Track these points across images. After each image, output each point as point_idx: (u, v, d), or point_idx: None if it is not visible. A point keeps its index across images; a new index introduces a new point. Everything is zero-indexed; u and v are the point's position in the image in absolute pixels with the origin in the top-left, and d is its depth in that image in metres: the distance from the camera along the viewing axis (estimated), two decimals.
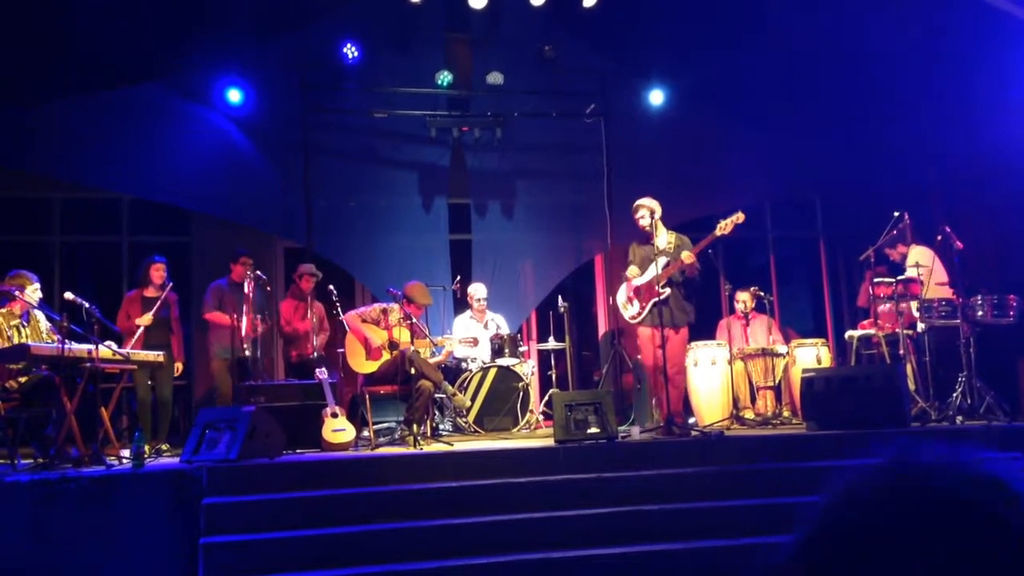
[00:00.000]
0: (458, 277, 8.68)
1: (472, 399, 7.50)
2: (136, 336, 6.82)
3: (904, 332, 6.84)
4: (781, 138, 9.43)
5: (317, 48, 8.71)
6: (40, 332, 6.10)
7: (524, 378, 7.67)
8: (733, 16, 8.50)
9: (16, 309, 6.04)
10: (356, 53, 8.68)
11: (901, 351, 6.84)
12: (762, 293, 8.41)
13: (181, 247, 9.03)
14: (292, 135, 8.72)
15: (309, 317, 7.42)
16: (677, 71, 9.35)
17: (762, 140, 9.46)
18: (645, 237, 6.71)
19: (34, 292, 6.10)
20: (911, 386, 6.75)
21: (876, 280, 6.97)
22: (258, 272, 7.32)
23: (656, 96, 9.43)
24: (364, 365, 6.85)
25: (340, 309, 7.15)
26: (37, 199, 9.09)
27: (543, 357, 9.00)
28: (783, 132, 9.39)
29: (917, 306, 6.77)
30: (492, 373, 7.63)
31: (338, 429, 6.31)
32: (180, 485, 4.85)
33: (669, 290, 6.43)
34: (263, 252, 9.15)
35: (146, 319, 6.90)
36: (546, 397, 8.08)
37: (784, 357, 7.92)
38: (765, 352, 7.89)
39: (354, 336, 6.91)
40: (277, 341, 8.06)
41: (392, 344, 6.90)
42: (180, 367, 7.29)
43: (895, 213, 7.15)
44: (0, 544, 4.66)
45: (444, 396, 7.39)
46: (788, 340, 8.42)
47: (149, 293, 7.12)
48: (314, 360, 7.33)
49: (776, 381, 7.90)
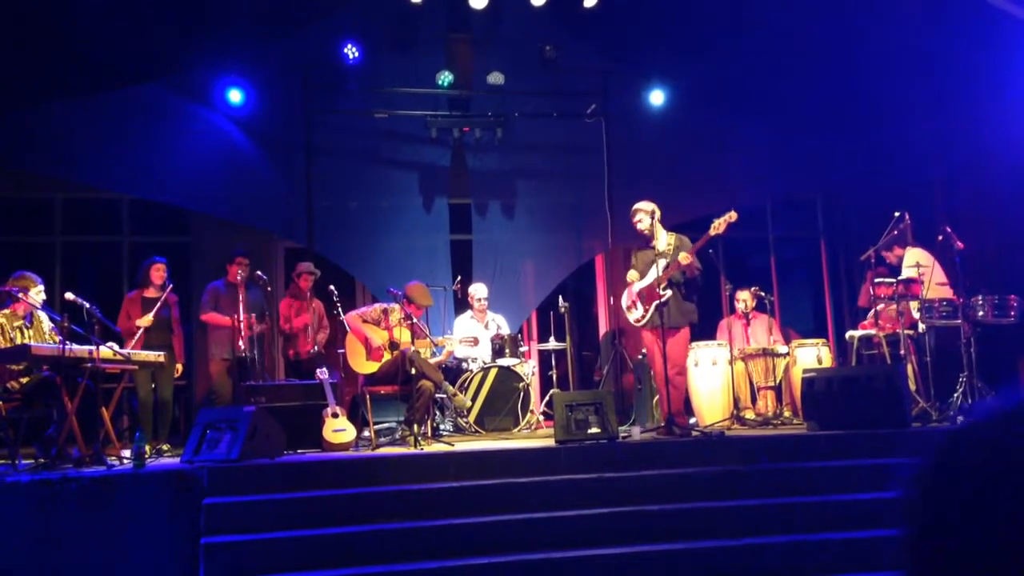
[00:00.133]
0: (459, 277, 8.68)
1: (473, 399, 7.50)
2: (137, 337, 6.82)
3: (905, 332, 6.84)
4: (782, 138, 9.42)
5: (318, 48, 8.71)
6: (43, 333, 6.10)
7: (525, 378, 7.68)
8: (734, 16, 8.50)
9: (19, 310, 6.03)
10: (357, 53, 8.68)
11: (902, 351, 6.83)
12: (763, 293, 8.41)
13: (181, 247, 9.04)
14: (293, 135, 8.74)
15: (307, 314, 7.43)
16: (678, 71, 9.35)
17: (763, 140, 9.46)
18: (645, 240, 6.73)
19: (38, 294, 6.10)
20: (912, 386, 6.75)
21: (877, 280, 6.97)
22: (258, 272, 7.32)
23: (657, 96, 9.43)
24: (365, 365, 6.85)
25: (341, 309, 7.15)
26: (38, 200, 9.10)
27: (544, 357, 9.00)
28: (784, 132, 9.39)
29: (918, 306, 6.77)
30: (493, 373, 7.64)
31: (339, 429, 6.31)
32: (181, 485, 4.85)
33: (670, 292, 6.44)
34: (264, 252, 9.16)
35: (146, 320, 6.89)
36: (547, 397, 8.08)
37: (785, 357, 7.92)
38: (766, 352, 7.89)
39: (355, 336, 6.91)
40: (277, 341, 8.07)
41: (393, 344, 6.91)
42: (180, 368, 7.30)
43: (896, 213, 7.15)
44: (1, 544, 4.67)
45: (445, 396, 7.39)
46: (789, 340, 8.42)
47: (149, 294, 7.11)
48: (313, 359, 7.34)
49: (777, 381, 7.90)
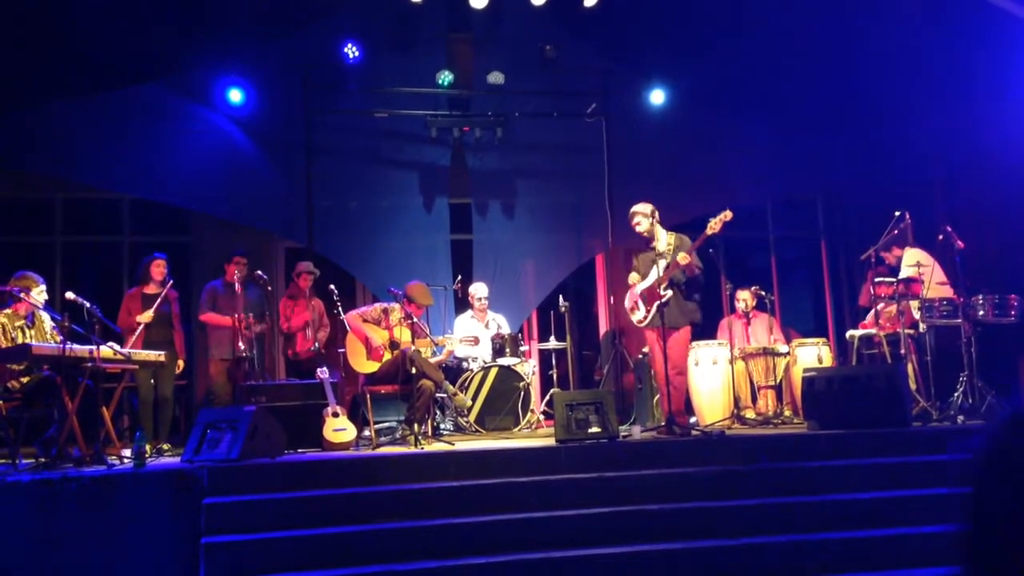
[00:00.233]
0: (459, 277, 8.68)
1: (473, 399, 7.50)
2: (137, 333, 6.82)
3: (905, 332, 6.84)
4: (782, 138, 9.42)
5: (318, 48, 8.71)
6: (44, 333, 6.11)
7: (525, 378, 7.68)
8: (734, 16, 8.50)
9: (21, 310, 6.04)
10: (357, 53, 8.68)
11: (902, 351, 6.83)
12: (763, 293, 8.41)
13: (181, 247, 9.04)
14: (293, 135, 8.74)
15: (307, 313, 7.44)
16: (678, 71, 9.35)
17: (763, 140, 9.46)
18: (645, 242, 6.75)
19: (40, 294, 6.11)
20: (912, 386, 6.75)
21: (877, 280, 6.97)
22: (259, 272, 7.33)
23: (657, 96, 9.43)
24: (365, 365, 6.85)
25: (341, 309, 7.15)
26: (38, 200, 9.11)
27: (544, 357, 9.00)
28: (784, 132, 9.38)
29: (918, 306, 6.77)
30: (493, 373, 7.64)
31: (339, 429, 6.32)
32: (181, 485, 4.85)
33: (670, 292, 6.44)
34: (264, 252, 9.16)
35: (147, 316, 6.90)
36: (547, 397, 8.09)
37: (785, 357, 7.92)
38: (766, 351, 7.89)
39: (355, 336, 6.91)
40: (278, 340, 8.07)
41: (393, 344, 6.91)
42: (182, 364, 7.29)
43: (896, 213, 7.15)
44: (1, 544, 4.67)
45: (445, 396, 7.39)
46: (789, 340, 8.42)
47: (150, 290, 7.12)
48: (313, 358, 7.34)
49: (777, 381, 7.90)
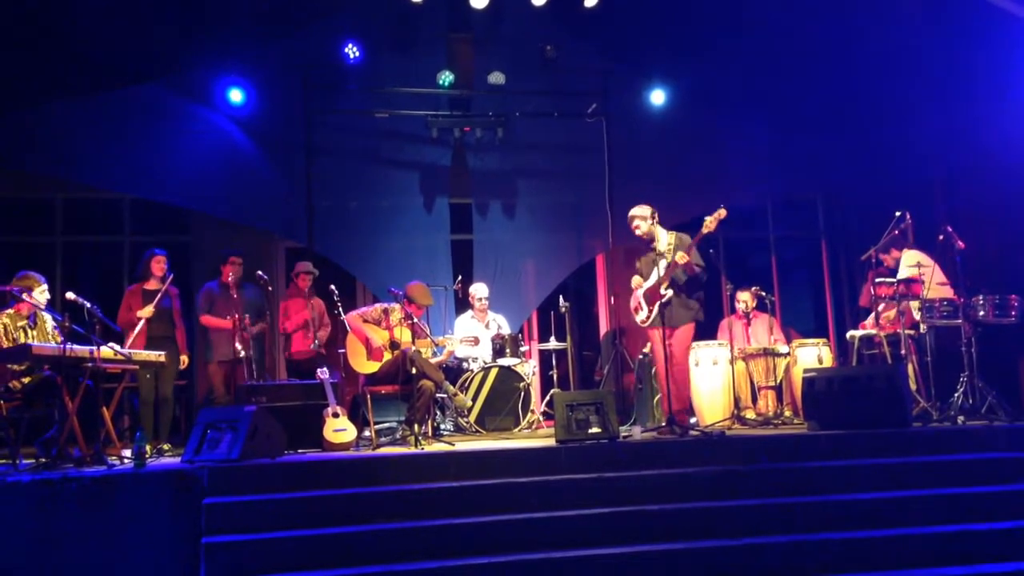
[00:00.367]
0: (459, 277, 8.68)
1: (473, 399, 7.51)
2: (139, 328, 6.82)
3: (905, 332, 6.84)
4: (782, 138, 9.42)
5: (318, 48, 8.71)
6: (46, 333, 6.10)
7: (525, 378, 7.68)
8: (734, 16, 8.49)
9: (23, 310, 6.04)
10: (357, 53, 8.68)
11: (903, 351, 6.83)
12: (763, 293, 8.42)
13: (181, 246, 9.03)
14: (293, 135, 8.74)
15: (307, 312, 7.44)
16: (678, 71, 9.35)
17: (763, 140, 9.45)
18: (645, 244, 6.77)
19: (41, 293, 6.11)
20: (912, 386, 6.76)
21: (878, 280, 6.97)
22: (259, 272, 7.33)
23: (657, 96, 9.43)
24: (365, 365, 6.85)
25: (341, 309, 7.16)
26: (38, 200, 9.11)
27: (544, 357, 9.00)
28: (784, 132, 9.38)
29: (918, 306, 6.76)
30: (493, 373, 7.64)
31: (339, 429, 6.32)
32: (181, 485, 4.85)
33: (671, 291, 6.46)
34: (264, 252, 9.17)
35: (148, 311, 6.90)
36: (547, 397, 8.09)
37: (785, 357, 7.92)
38: (766, 352, 7.89)
39: (355, 336, 6.91)
40: (278, 340, 8.07)
41: (393, 344, 6.91)
42: (186, 360, 7.28)
43: (896, 213, 7.14)
44: (2, 544, 4.67)
45: (445, 396, 7.39)
46: (789, 340, 8.42)
47: (150, 286, 7.13)
48: (314, 358, 7.34)
49: (777, 381, 7.90)
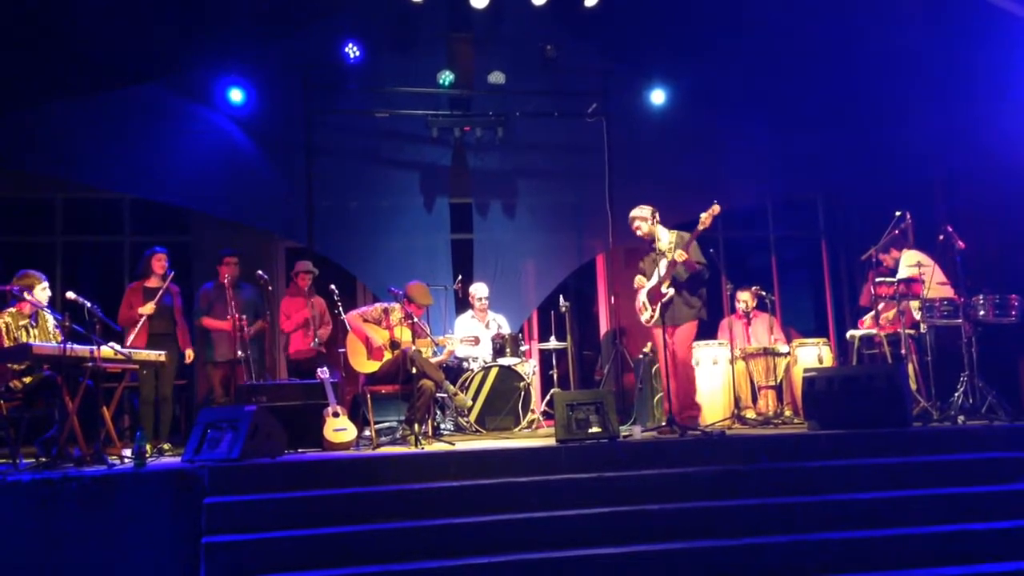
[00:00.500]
0: (459, 277, 8.68)
1: (473, 399, 7.51)
2: (140, 325, 6.82)
3: (906, 332, 6.84)
4: (782, 138, 9.41)
5: (319, 48, 8.71)
6: (48, 332, 6.10)
7: (525, 378, 7.68)
8: (734, 16, 8.49)
9: (26, 309, 6.04)
10: (358, 53, 8.68)
11: (903, 351, 6.83)
12: (763, 293, 8.42)
13: (182, 246, 9.03)
14: (294, 135, 8.74)
15: (307, 310, 7.44)
16: (679, 71, 9.35)
17: (764, 139, 9.45)
18: (648, 244, 6.77)
19: (43, 291, 6.11)
20: (912, 386, 6.76)
21: (878, 280, 6.97)
22: (259, 272, 7.33)
23: (658, 96, 9.42)
24: (365, 364, 6.85)
25: (341, 309, 7.16)
26: (38, 200, 9.11)
27: (544, 357, 9.00)
28: (785, 131, 9.37)
29: (918, 306, 6.76)
30: (493, 373, 7.64)
31: (339, 429, 6.32)
32: (182, 485, 4.85)
33: (672, 291, 6.46)
34: (264, 252, 9.17)
35: (149, 308, 6.90)
36: (547, 397, 8.09)
37: (786, 357, 7.92)
38: (767, 351, 7.90)
39: (355, 336, 6.91)
40: (278, 340, 8.07)
41: (394, 343, 6.91)
42: (191, 354, 7.26)
43: (897, 213, 7.14)
44: (2, 544, 4.67)
45: (445, 396, 7.39)
46: (790, 339, 8.42)
47: (151, 284, 7.13)
48: (314, 358, 7.34)
49: (777, 381, 7.90)
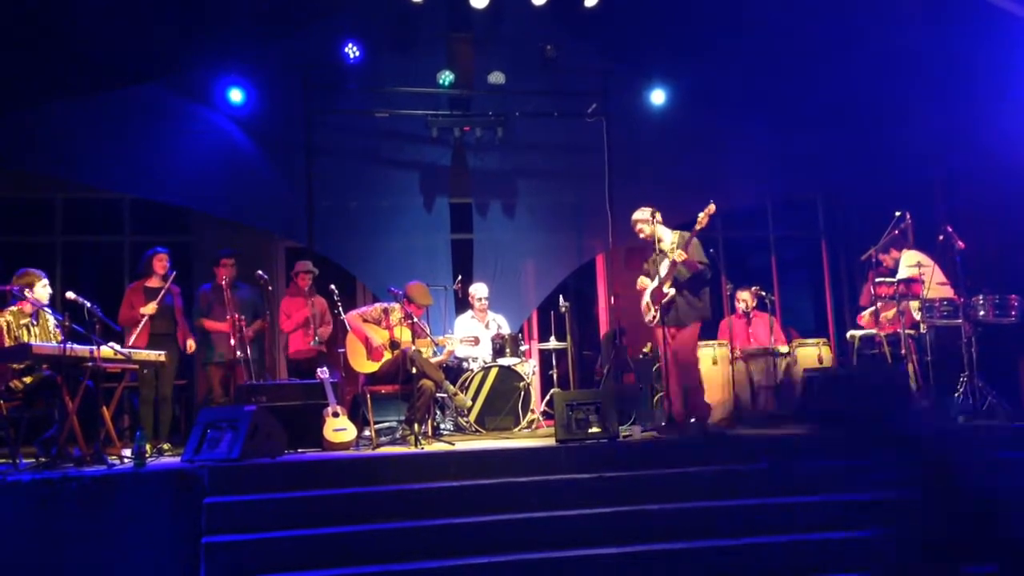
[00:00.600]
0: (459, 277, 8.68)
1: (473, 399, 7.50)
2: (142, 325, 6.82)
3: (906, 332, 6.84)
4: (783, 138, 9.41)
5: (318, 48, 8.70)
6: (48, 331, 6.10)
7: (525, 378, 7.68)
8: (734, 16, 8.49)
9: (27, 308, 6.04)
10: (358, 53, 8.68)
11: (903, 351, 6.83)
12: (763, 293, 8.41)
13: (182, 246, 9.02)
14: (294, 135, 8.73)
15: (307, 309, 7.45)
16: (679, 71, 9.34)
17: (764, 140, 9.44)
18: (652, 245, 6.78)
19: (43, 288, 6.11)
20: (912, 386, 6.75)
21: (878, 280, 6.97)
22: (259, 272, 7.33)
23: (658, 96, 9.42)
24: (365, 365, 6.85)
25: (341, 309, 7.16)
26: (38, 200, 9.11)
27: (544, 357, 9.00)
28: (785, 131, 9.37)
29: (918, 306, 6.76)
30: (493, 373, 7.64)
31: (339, 429, 6.32)
32: (182, 485, 4.86)
33: (673, 290, 6.46)
34: (264, 252, 9.16)
35: (151, 308, 6.91)
36: (547, 397, 8.09)
37: (785, 356, 7.92)
38: (767, 351, 7.89)
39: (355, 336, 6.91)
40: (278, 340, 8.07)
41: (393, 343, 6.91)
42: (192, 344, 7.24)
43: (896, 213, 7.14)
44: (2, 543, 4.67)
45: (445, 396, 7.39)
46: (790, 339, 8.42)
47: (152, 284, 7.13)
48: (314, 358, 7.34)
49: (777, 380, 7.90)
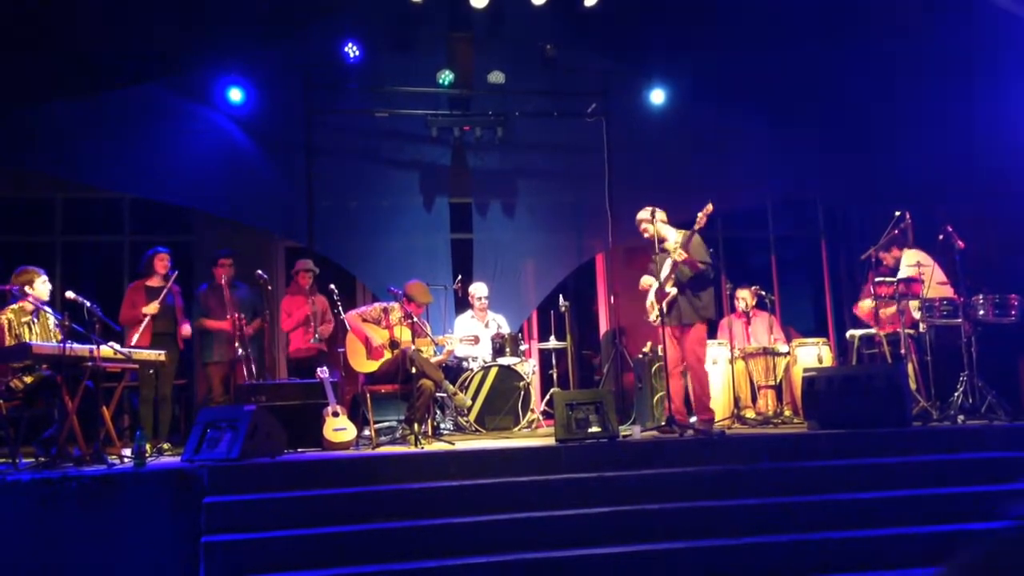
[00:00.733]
0: (459, 276, 8.69)
1: (473, 398, 7.51)
2: (144, 324, 6.82)
3: (906, 331, 6.84)
4: (783, 137, 9.41)
5: (319, 48, 8.71)
6: (49, 330, 6.11)
7: (525, 377, 7.68)
8: (734, 16, 8.49)
9: (28, 306, 6.04)
10: (358, 52, 8.68)
11: (903, 350, 6.84)
12: (763, 292, 8.41)
13: (182, 246, 9.02)
14: (294, 135, 8.73)
15: (307, 308, 7.45)
16: (678, 70, 9.34)
17: (764, 139, 9.44)
18: (657, 245, 6.78)
19: (43, 284, 6.12)
20: (912, 386, 6.76)
21: (878, 280, 6.97)
22: (259, 272, 7.33)
23: (657, 95, 9.42)
24: (365, 364, 6.85)
25: (341, 309, 7.16)
26: (38, 199, 9.11)
27: (544, 356, 9.00)
28: (785, 131, 9.37)
29: (918, 306, 6.77)
30: (493, 372, 7.64)
31: (339, 428, 6.32)
32: (181, 484, 4.86)
33: (675, 290, 6.45)
34: (264, 252, 9.16)
35: (153, 307, 6.91)
36: (547, 396, 8.09)
37: (785, 356, 7.92)
38: (766, 351, 7.90)
39: (355, 335, 6.91)
40: (278, 339, 8.07)
41: (393, 343, 6.91)
42: (188, 330, 7.20)
43: (896, 213, 7.14)
44: (2, 543, 4.67)
45: (445, 395, 7.39)
46: (789, 339, 8.42)
47: (153, 283, 7.14)
48: (314, 357, 7.35)
49: (777, 380, 7.90)
